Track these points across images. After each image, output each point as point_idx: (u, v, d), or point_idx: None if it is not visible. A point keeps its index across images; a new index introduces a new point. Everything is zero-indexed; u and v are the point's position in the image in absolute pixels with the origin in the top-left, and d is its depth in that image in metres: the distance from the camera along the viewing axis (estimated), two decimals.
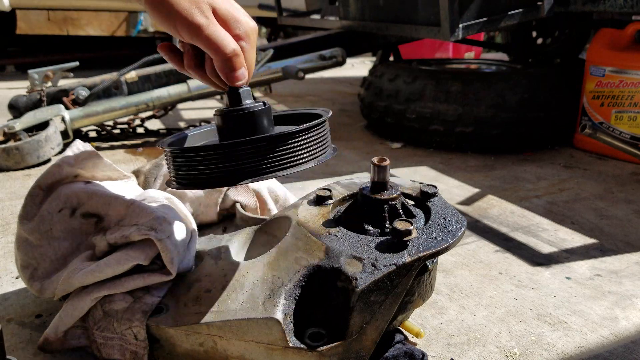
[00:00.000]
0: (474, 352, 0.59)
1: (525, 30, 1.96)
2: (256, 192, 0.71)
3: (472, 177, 1.24)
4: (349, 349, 0.47)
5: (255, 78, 1.60)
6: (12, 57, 3.35)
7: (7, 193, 1.13)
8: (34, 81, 1.55)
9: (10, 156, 1.29)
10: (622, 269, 0.79)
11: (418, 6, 1.35)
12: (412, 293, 0.54)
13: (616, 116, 1.36)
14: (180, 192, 0.70)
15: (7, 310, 0.67)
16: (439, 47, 3.08)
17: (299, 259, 0.50)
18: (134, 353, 0.53)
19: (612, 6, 1.25)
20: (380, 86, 1.60)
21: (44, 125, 1.42)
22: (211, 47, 0.49)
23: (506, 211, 1.03)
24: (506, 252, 0.85)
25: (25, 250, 0.59)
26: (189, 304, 0.53)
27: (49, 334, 0.55)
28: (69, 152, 0.63)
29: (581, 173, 1.28)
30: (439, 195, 0.59)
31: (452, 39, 1.23)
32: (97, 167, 0.65)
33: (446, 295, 0.72)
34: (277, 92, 2.50)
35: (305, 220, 0.55)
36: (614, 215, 1.00)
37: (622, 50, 1.37)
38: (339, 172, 1.29)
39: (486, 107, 1.41)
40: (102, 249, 0.57)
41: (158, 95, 1.53)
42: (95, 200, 0.60)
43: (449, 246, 0.50)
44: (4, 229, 0.92)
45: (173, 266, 0.54)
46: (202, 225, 0.69)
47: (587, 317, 0.66)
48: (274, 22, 2.82)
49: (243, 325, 0.48)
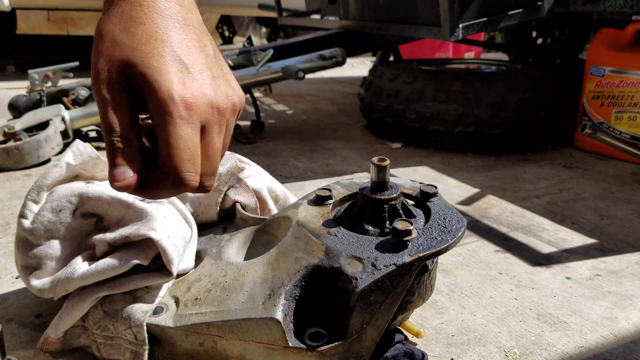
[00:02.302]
0: (474, 352, 0.59)
1: (525, 30, 1.95)
2: (256, 192, 0.71)
3: (472, 177, 1.24)
4: (349, 349, 0.47)
5: (256, 78, 1.60)
6: (12, 57, 3.35)
7: (7, 193, 1.13)
8: (34, 81, 1.55)
9: (10, 156, 1.29)
10: (622, 269, 0.79)
11: (418, 6, 1.35)
12: (412, 293, 0.54)
13: (616, 116, 1.36)
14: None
15: (7, 310, 0.67)
16: (439, 47, 3.08)
17: (299, 259, 0.50)
18: (134, 353, 0.53)
19: (612, 6, 1.25)
20: (380, 86, 1.60)
21: (44, 125, 1.42)
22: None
23: (506, 211, 1.03)
24: (506, 252, 0.85)
25: (25, 250, 0.59)
26: (189, 304, 0.53)
27: (49, 334, 0.55)
28: (69, 152, 0.63)
29: (581, 173, 1.28)
30: (439, 195, 0.59)
31: (452, 39, 1.23)
32: (97, 167, 0.65)
33: (446, 295, 0.72)
34: (277, 92, 2.50)
35: (305, 220, 0.55)
36: (614, 215, 1.00)
37: (622, 50, 1.37)
38: (339, 172, 1.29)
39: (486, 107, 1.41)
40: (102, 249, 0.57)
41: None
42: (95, 200, 0.60)
43: (449, 246, 0.50)
44: (4, 229, 0.92)
45: (173, 266, 0.54)
46: (202, 225, 0.69)
47: (587, 317, 0.66)
48: (274, 22, 2.82)
49: (243, 325, 0.48)
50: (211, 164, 0.41)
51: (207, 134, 0.40)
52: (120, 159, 0.38)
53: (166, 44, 0.38)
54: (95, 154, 0.64)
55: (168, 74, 0.38)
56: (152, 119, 0.38)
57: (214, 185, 0.69)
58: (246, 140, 1.58)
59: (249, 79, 1.60)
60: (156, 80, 0.37)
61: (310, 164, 1.35)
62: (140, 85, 0.38)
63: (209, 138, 0.40)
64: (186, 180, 0.39)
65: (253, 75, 1.60)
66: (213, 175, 0.42)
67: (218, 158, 0.41)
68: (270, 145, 1.55)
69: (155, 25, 0.39)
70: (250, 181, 0.71)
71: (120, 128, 0.38)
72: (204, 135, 0.40)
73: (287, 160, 1.39)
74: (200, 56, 0.41)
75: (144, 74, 0.37)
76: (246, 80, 1.59)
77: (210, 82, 0.40)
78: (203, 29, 0.43)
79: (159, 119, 0.38)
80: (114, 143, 0.38)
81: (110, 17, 0.39)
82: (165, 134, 0.38)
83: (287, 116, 2.00)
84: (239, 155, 0.75)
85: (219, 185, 0.70)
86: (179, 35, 0.40)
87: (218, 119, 0.41)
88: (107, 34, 0.38)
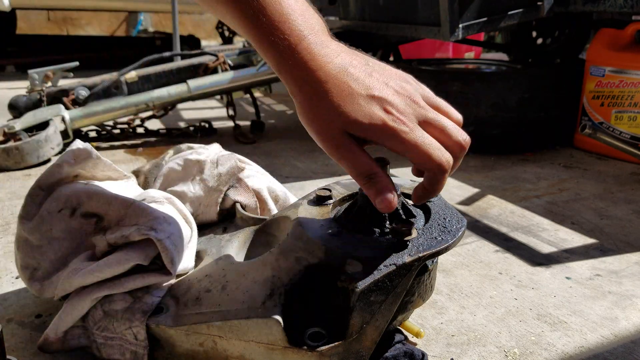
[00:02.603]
0: (474, 352, 0.59)
1: (525, 30, 1.95)
2: (256, 192, 0.71)
3: (472, 177, 1.24)
4: (349, 349, 0.47)
5: (256, 78, 1.60)
6: (12, 57, 3.35)
7: (7, 193, 1.13)
8: (34, 81, 1.55)
9: (10, 156, 1.29)
10: (622, 269, 0.79)
11: (418, 6, 1.35)
12: (412, 293, 0.54)
13: (616, 116, 1.36)
14: (180, 192, 0.70)
15: (7, 310, 0.67)
16: (439, 47, 3.08)
17: (299, 259, 0.50)
18: (134, 353, 0.53)
19: (612, 6, 1.25)
20: None
21: (44, 125, 1.41)
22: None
23: (506, 211, 1.03)
24: (506, 252, 0.85)
25: (25, 250, 0.59)
26: (189, 304, 0.53)
27: (49, 334, 0.55)
28: (69, 152, 0.63)
29: (581, 173, 1.28)
30: (439, 195, 0.59)
31: (452, 39, 1.23)
32: (97, 167, 0.65)
33: (446, 295, 0.72)
34: (277, 92, 2.49)
35: None
36: (614, 215, 1.00)
37: (622, 50, 1.37)
38: (339, 172, 1.29)
39: (486, 107, 1.41)
40: (102, 249, 0.57)
41: (158, 95, 1.53)
42: (95, 200, 0.60)
43: (449, 246, 0.50)
44: (4, 229, 0.92)
45: (173, 266, 0.54)
46: (202, 225, 0.69)
47: (587, 317, 0.66)
48: None
49: (243, 325, 0.48)
50: (451, 136, 0.47)
51: (428, 121, 0.46)
52: (382, 188, 0.45)
53: (354, 91, 0.45)
54: (96, 154, 0.64)
55: (378, 114, 0.45)
56: (385, 146, 0.46)
57: (214, 185, 0.69)
58: (246, 140, 1.58)
59: (249, 79, 1.60)
60: (372, 128, 0.45)
61: (310, 164, 1.35)
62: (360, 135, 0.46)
63: (431, 120, 0.47)
64: (444, 164, 0.45)
65: (253, 75, 1.60)
66: (459, 144, 0.48)
67: (451, 127, 0.48)
68: (270, 145, 1.55)
69: (340, 87, 0.45)
70: (250, 181, 0.71)
71: (368, 167, 0.46)
72: (426, 124, 0.46)
73: (287, 160, 1.39)
74: (377, 73, 0.48)
75: (359, 130, 0.45)
76: (246, 80, 1.59)
77: (389, 83, 0.47)
78: (351, 51, 0.50)
79: (391, 142, 0.45)
80: (370, 180, 0.45)
81: (310, 99, 0.46)
82: (405, 147, 0.45)
83: (287, 116, 2.00)
84: (239, 155, 0.75)
85: (219, 185, 0.70)
86: (359, 74, 0.46)
87: (420, 105, 0.47)
88: (320, 112, 0.45)
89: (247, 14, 0.45)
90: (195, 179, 0.71)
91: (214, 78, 1.58)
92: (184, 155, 0.74)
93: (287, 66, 0.45)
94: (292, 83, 0.46)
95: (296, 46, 0.45)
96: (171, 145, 1.08)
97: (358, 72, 0.46)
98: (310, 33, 0.46)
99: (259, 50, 0.47)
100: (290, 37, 0.45)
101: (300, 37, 0.45)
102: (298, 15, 0.46)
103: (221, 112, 1.96)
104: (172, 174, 0.72)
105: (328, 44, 0.47)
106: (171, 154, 0.77)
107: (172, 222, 0.57)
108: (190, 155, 0.73)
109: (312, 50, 0.45)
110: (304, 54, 0.45)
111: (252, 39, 0.47)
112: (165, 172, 0.72)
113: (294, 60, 0.45)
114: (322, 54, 0.46)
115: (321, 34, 0.47)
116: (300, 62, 0.45)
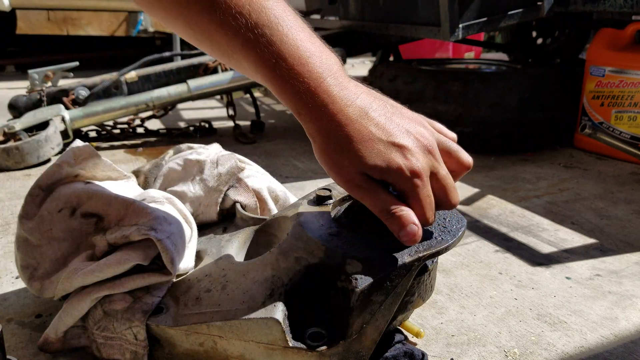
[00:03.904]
0: (474, 352, 0.59)
1: (525, 30, 1.95)
2: (256, 192, 0.71)
3: (472, 177, 1.24)
4: (349, 349, 0.47)
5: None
6: (12, 57, 3.35)
7: (7, 193, 1.13)
8: (34, 81, 1.55)
9: (10, 156, 1.29)
10: (622, 269, 0.79)
11: (418, 6, 1.35)
12: (412, 293, 0.54)
13: (616, 116, 1.36)
14: (180, 192, 0.70)
15: (7, 310, 0.67)
16: (439, 47, 3.08)
17: (299, 259, 0.50)
18: (134, 353, 0.53)
19: (612, 6, 1.25)
20: (380, 86, 1.60)
21: (44, 125, 1.41)
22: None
23: (506, 211, 1.03)
24: (506, 252, 0.85)
25: (25, 250, 0.59)
26: (189, 304, 0.53)
27: (49, 334, 0.55)
28: (69, 152, 0.63)
29: (581, 173, 1.28)
30: None
31: (452, 39, 1.23)
32: (97, 167, 0.65)
33: (446, 295, 0.72)
34: None
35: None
36: (614, 215, 1.00)
37: (622, 50, 1.37)
38: None
39: (486, 107, 1.41)
40: (102, 249, 0.57)
41: (158, 95, 1.53)
42: (95, 200, 0.60)
43: (449, 246, 0.50)
44: (4, 229, 0.92)
45: (173, 266, 0.54)
46: (202, 225, 0.69)
47: (587, 317, 0.66)
48: None
49: (243, 325, 0.48)
50: (448, 195, 0.49)
51: (437, 176, 0.48)
52: (404, 222, 0.46)
53: (375, 136, 0.46)
54: (96, 154, 0.64)
55: (397, 161, 0.46)
56: (399, 191, 0.48)
57: (214, 185, 0.69)
58: (246, 140, 1.59)
59: (249, 79, 1.60)
60: (390, 173, 0.46)
61: (310, 164, 1.35)
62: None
63: (440, 178, 0.48)
64: (429, 222, 0.48)
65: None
66: (450, 204, 0.50)
67: (452, 188, 0.50)
68: (270, 145, 1.55)
69: (360, 132, 0.46)
70: (250, 181, 0.71)
71: (388, 203, 0.46)
72: (434, 178, 0.48)
73: (287, 160, 1.39)
74: (397, 117, 0.48)
75: (378, 174, 0.46)
76: (246, 80, 1.59)
77: (410, 130, 0.48)
78: (370, 91, 0.50)
79: (403, 186, 0.47)
80: (391, 216, 0.46)
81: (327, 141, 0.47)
82: (413, 200, 0.47)
83: (287, 116, 2.00)
84: (239, 155, 0.75)
85: (218, 185, 0.70)
86: (379, 118, 0.47)
87: (436, 158, 0.48)
88: (340, 156, 0.46)
89: (264, 58, 0.45)
90: (195, 179, 0.71)
91: (214, 78, 1.58)
92: (184, 155, 0.74)
93: (307, 109, 0.46)
94: (311, 125, 0.46)
95: (315, 89, 0.45)
96: (171, 145, 1.08)
97: (378, 117, 0.47)
98: (329, 75, 0.46)
99: (277, 94, 0.47)
100: (310, 80, 0.45)
101: (320, 80, 0.45)
102: (316, 58, 0.46)
103: (221, 112, 1.96)
104: (172, 174, 0.72)
105: (346, 85, 0.47)
106: (171, 154, 0.77)
107: (172, 222, 0.57)
108: (190, 155, 0.73)
109: (332, 93, 0.45)
110: (324, 97, 0.45)
111: (270, 83, 0.46)
112: (165, 172, 0.72)
113: (313, 103, 0.45)
114: (341, 96, 0.46)
115: (339, 76, 0.47)
116: (319, 105, 0.45)
